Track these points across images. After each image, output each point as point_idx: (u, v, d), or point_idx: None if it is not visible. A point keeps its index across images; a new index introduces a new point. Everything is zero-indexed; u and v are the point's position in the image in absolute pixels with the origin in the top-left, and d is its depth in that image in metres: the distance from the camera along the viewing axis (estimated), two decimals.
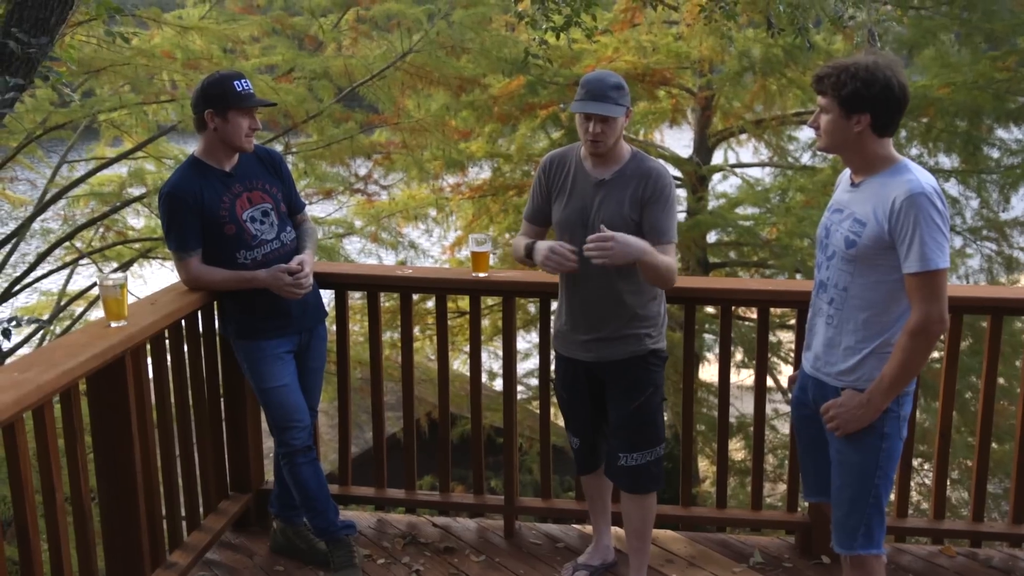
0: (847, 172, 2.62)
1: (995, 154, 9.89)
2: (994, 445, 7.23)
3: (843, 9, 6.22)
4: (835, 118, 2.46)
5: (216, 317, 3.44)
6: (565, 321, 3.17)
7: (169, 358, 3.22)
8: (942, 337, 2.94)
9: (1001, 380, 7.76)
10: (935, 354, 7.03)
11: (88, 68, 6.89)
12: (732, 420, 8.83)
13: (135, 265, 8.12)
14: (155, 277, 8.04)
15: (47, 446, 2.56)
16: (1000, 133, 9.92)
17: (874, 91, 2.39)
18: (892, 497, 3.65)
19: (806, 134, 10.38)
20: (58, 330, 7.76)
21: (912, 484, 5.60)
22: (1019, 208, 10.03)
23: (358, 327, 8.10)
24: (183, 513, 3.39)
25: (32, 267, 7.53)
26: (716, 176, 11.30)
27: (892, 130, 2.47)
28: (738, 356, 9.49)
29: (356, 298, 6.78)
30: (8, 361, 5.73)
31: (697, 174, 10.48)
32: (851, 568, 2.66)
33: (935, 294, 2.39)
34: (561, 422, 3.70)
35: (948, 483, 3.93)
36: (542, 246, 2.99)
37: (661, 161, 3.08)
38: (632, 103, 3.06)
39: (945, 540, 3.66)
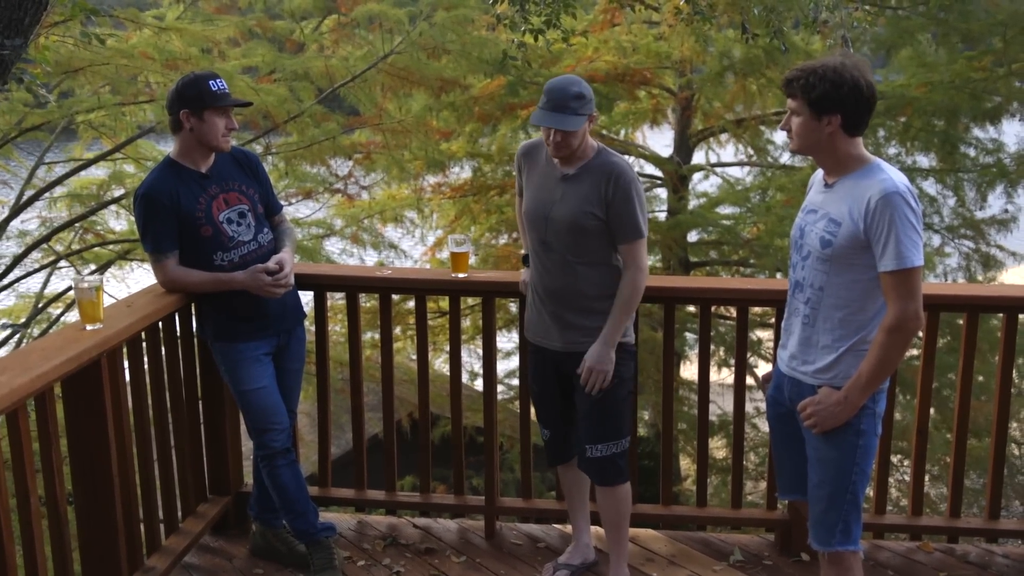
0: (820, 173, 2.64)
1: (972, 153, 9.99)
2: (972, 441, 7.30)
3: (818, 11, 6.26)
4: (806, 120, 2.48)
5: (193, 319, 3.42)
6: (533, 309, 3.22)
7: (146, 361, 3.20)
8: (920, 334, 2.97)
9: (980, 377, 7.88)
10: (913, 351, 7.06)
11: (66, 68, 6.83)
12: (713, 418, 8.88)
13: (115, 267, 8.06)
14: (135, 279, 8.00)
15: (21, 450, 2.54)
16: (976, 132, 10.03)
17: (843, 92, 2.41)
18: (870, 493, 3.69)
19: (785, 134, 10.44)
20: (36, 332, 7.69)
21: (891, 480, 5.63)
22: (996, 206, 10.14)
23: (339, 327, 8.07)
24: (161, 516, 3.36)
25: (9, 269, 7.46)
26: (697, 176, 11.35)
27: (862, 129, 2.49)
28: (720, 354, 9.53)
29: (337, 298, 6.76)
30: None
31: (678, 174, 10.52)
32: (829, 565, 2.67)
33: (911, 292, 2.41)
34: None
35: (927, 479, 3.96)
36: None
37: (624, 157, 3.10)
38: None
39: (923, 536, 3.69)
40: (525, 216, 3.17)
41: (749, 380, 4.99)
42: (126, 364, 3.07)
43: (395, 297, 4.30)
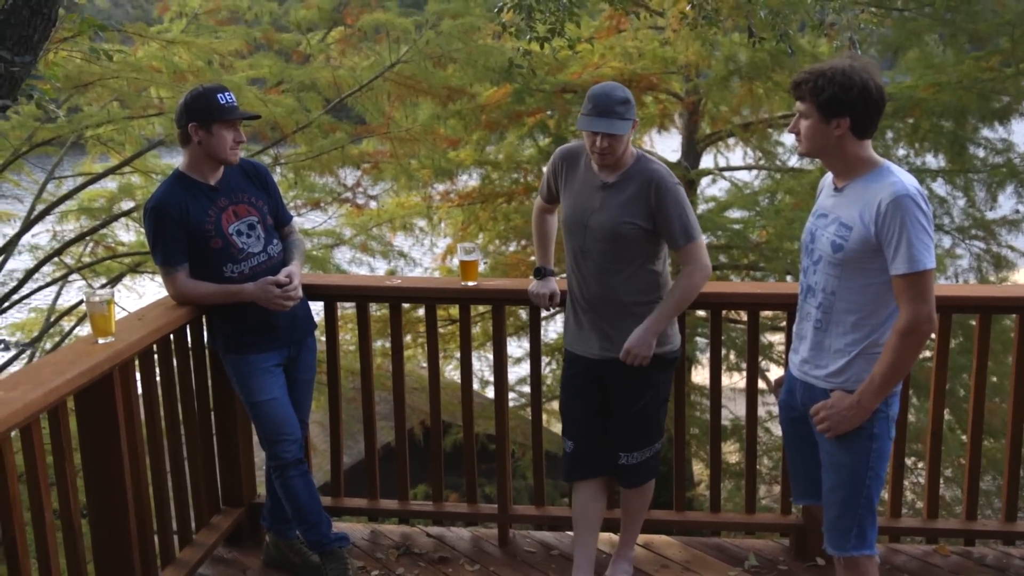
0: (829, 176, 2.63)
1: (981, 153, 9.94)
2: (987, 442, 7.26)
3: (824, 14, 6.25)
4: (815, 123, 2.47)
5: (205, 331, 3.43)
6: (573, 318, 3.22)
7: (158, 373, 3.21)
8: (932, 336, 2.95)
9: (993, 378, 7.83)
10: (926, 353, 7.01)
11: (75, 83, 6.88)
12: (726, 423, 8.86)
13: (127, 279, 8.10)
14: (148, 291, 8.03)
15: (35, 464, 2.54)
16: (985, 132, 9.97)
17: (852, 95, 2.41)
18: (886, 497, 3.66)
19: (793, 137, 10.41)
20: (48, 346, 7.73)
21: (906, 483, 5.59)
22: (1006, 207, 10.08)
23: (349, 336, 8.08)
24: (174, 528, 3.37)
25: (21, 283, 7.50)
26: (705, 180, 11.33)
27: (871, 132, 2.48)
28: (731, 358, 9.50)
29: (347, 307, 6.77)
30: None
31: (686, 178, 10.50)
32: (844, 569, 2.66)
33: (923, 294, 2.39)
34: (555, 428, 3.73)
35: (942, 481, 3.94)
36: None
37: (663, 164, 3.10)
38: None
39: (939, 539, 3.67)
40: (564, 224, 3.16)
41: (761, 384, 4.98)
42: (138, 377, 3.08)
43: (405, 305, 4.29)
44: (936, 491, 3.65)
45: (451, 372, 9.75)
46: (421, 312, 8.88)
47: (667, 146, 11.64)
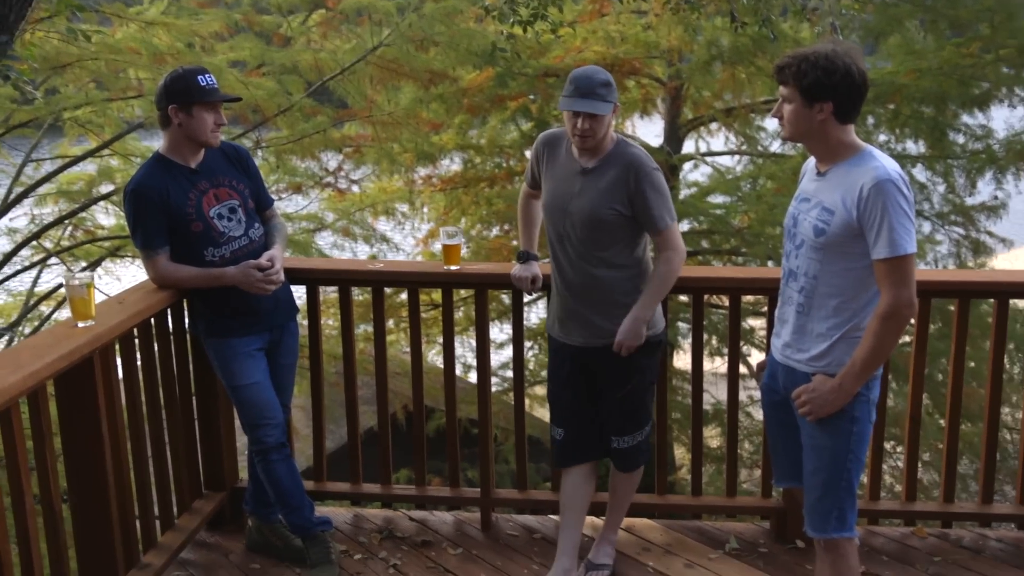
0: (812, 161, 2.64)
1: (961, 139, 10.00)
2: (965, 427, 7.33)
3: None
4: (798, 107, 2.48)
5: (186, 315, 3.41)
6: (555, 304, 3.23)
7: (139, 357, 3.19)
8: (911, 321, 2.98)
9: (972, 363, 7.91)
10: (905, 338, 7.08)
11: (53, 64, 6.80)
12: (707, 407, 8.90)
13: (107, 263, 8.04)
14: (129, 275, 7.97)
15: (15, 449, 2.53)
16: (965, 119, 10.03)
17: (835, 79, 2.41)
18: (865, 480, 3.70)
19: (775, 122, 10.43)
20: (27, 330, 7.66)
21: (885, 467, 5.66)
22: (985, 193, 10.15)
23: (332, 320, 8.06)
24: (156, 513, 3.36)
25: None
26: (687, 165, 11.35)
27: (854, 117, 2.49)
28: (713, 343, 9.54)
29: (329, 292, 6.76)
30: None
31: (668, 163, 10.51)
32: (824, 551, 2.68)
33: (904, 279, 2.41)
34: (537, 413, 3.74)
35: (920, 465, 3.98)
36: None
37: (642, 149, 3.10)
38: None
39: (917, 521, 3.71)
40: (544, 209, 3.17)
41: (742, 369, 5.01)
42: (119, 361, 3.06)
43: (388, 290, 4.30)
44: (914, 474, 3.69)
45: (434, 357, 9.74)
46: (404, 296, 8.91)
47: (649, 131, 11.63)
